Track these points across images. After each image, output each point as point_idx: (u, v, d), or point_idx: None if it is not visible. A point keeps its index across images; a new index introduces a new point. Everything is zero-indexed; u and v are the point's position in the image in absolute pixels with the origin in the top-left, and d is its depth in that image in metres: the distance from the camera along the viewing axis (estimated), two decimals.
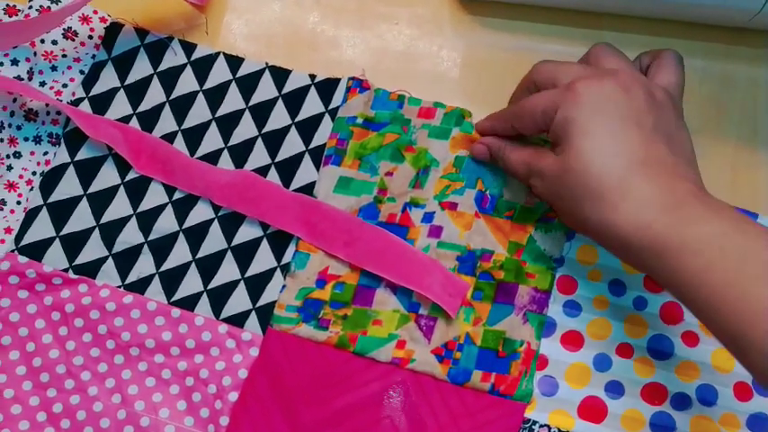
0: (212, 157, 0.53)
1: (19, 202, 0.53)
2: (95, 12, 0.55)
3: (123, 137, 0.52)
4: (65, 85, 0.54)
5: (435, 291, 0.49)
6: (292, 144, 0.53)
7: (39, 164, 0.54)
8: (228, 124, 0.53)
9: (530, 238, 0.51)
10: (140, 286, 0.51)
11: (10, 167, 0.53)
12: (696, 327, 0.49)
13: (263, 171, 0.53)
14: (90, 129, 0.52)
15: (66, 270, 0.51)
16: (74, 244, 0.52)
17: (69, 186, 0.52)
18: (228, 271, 0.51)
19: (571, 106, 0.43)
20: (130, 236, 0.52)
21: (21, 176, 0.53)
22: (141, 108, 0.54)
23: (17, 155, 0.54)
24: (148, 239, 0.52)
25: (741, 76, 0.55)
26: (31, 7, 0.54)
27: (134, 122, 0.54)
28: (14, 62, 0.53)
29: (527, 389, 0.48)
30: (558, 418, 0.48)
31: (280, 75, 0.54)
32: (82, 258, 0.51)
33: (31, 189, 0.53)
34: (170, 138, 0.53)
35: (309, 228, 0.51)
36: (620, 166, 0.41)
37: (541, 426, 0.48)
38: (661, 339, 0.49)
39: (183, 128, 0.53)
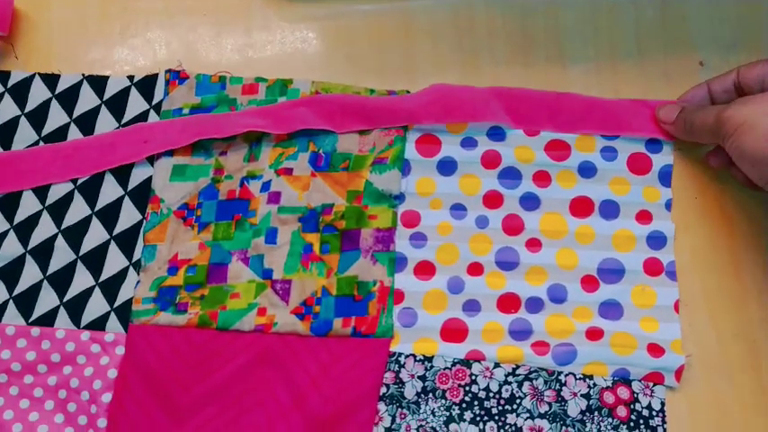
0: None
1: None
2: None
3: None
4: None
5: (649, 126, 0.53)
6: None
7: None
8: (56, 140, 0.54)
9: (366, 182, 0.52)
10: None
11: None
12: (537, 233, 0.51)
13: (98, 178, 0.53)
14: None
15: None
16: None
17: None
18: (82, 280, 0.51)
19: None
20: None
21: None
22: None
23: None
24: None
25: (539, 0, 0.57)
26: None
27: None
28: None
29: (387, 324, 0.49)
30: (421, 346, 0.49)
31: (98, 82, 0.55)
32: None
33: None
34: None
35: (513, 114, 0.53)
36: None
37: (407, 356, 0.49)
38: (507, 251, 0.51)
39: (9, 152, 0.54)
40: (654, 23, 0.56)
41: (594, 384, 0.48)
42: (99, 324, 0.50)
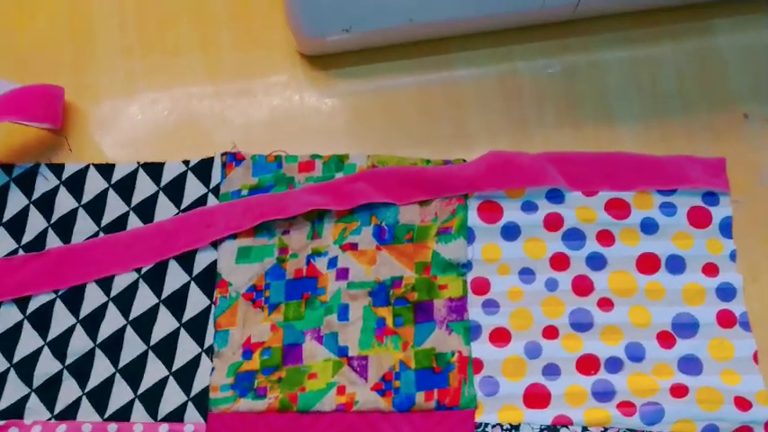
0: None
1: None
2: None
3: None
4: None
5: (703, 179, 0.53)
6: None
7: None
8: (116, 230, 0.54)
9: (433, 252, 0.52)
10: (70, 412, 0.50)
11: None
12: (607, 292, 0.52)
13: (162, 265, 0.53)
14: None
15: None
16: None
17: None
18: (155, 371, 0.51)
19: None
20: (47, 366, 0.51)
21: None
22: (25, 240, 0.54)
23: None
24: (66, 364, 0.51)
25: (582, 63, 0.58)
26: None
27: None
28: None
29: (470, 395, 0.49)
30: (506, 415, 0.49)
31: (154, 169, 0.55)
32: (4, 402, 0.50)
33: None
34: None
35: (568, 177, 0.54)
36: None
37: (493, 426, 0.49)
38: (580, 312, 0.51)
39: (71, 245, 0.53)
40: (695, 79, 0.58)
41: None
42: (177, 415, 0.49)
